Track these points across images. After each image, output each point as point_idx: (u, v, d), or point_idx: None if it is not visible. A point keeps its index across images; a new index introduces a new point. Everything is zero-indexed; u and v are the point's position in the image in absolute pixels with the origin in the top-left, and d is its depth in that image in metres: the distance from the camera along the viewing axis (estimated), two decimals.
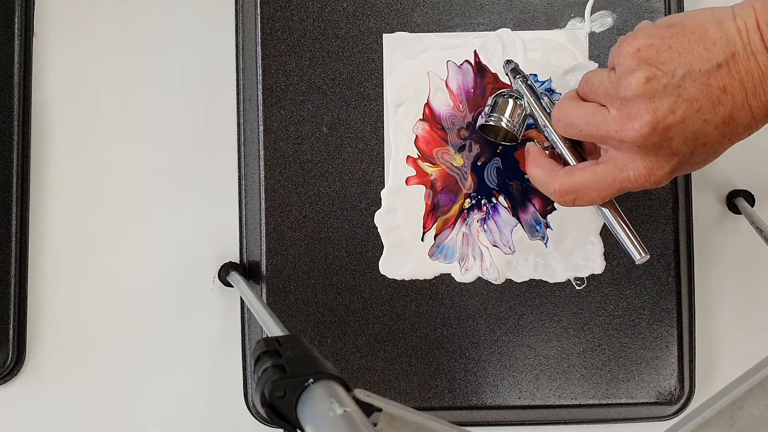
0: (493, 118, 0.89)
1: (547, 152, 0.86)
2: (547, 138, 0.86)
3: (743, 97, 0.75)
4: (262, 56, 0.93)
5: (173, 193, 0.97)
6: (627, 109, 0.76)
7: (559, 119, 0.82)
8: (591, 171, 0.80)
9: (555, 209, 0.93)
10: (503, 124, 0.88)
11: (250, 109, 0.94)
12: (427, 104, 0.93)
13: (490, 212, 0.93)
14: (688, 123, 0.75)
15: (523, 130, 0.89)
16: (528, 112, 0.88)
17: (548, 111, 0.86)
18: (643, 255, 0.84)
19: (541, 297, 0.93)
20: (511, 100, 0.88)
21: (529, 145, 0.87)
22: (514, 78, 0.89)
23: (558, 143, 0.85)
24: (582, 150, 0.85)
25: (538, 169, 0.84)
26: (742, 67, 0.74)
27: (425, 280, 0.93)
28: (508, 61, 0.90)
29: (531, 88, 0.88)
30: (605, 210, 0.84)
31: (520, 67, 0.90)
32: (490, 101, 0.90)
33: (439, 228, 0.93)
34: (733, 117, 0.75)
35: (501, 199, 0.93)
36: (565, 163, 0.85)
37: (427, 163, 0.92)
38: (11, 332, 0.94)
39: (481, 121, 0.90)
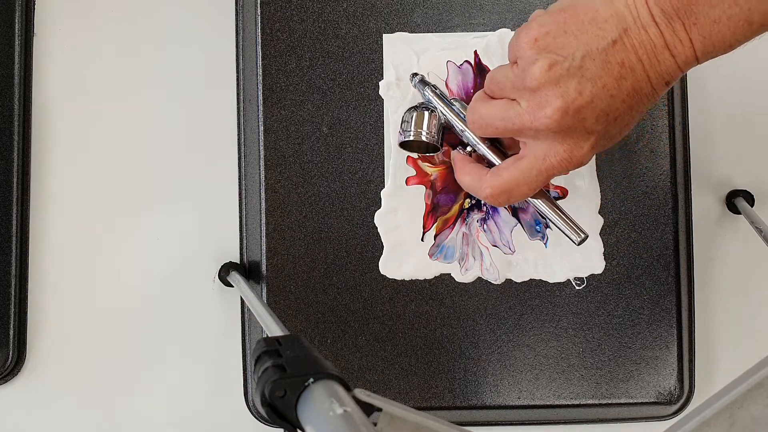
0: (412, 134, 0.89)
1: (471, 156, 0.87)
2: (467, 142, 0.87)
3: (641, 69, 0.76)
4: (262, 56, 0.93)
5: (173, 193, 0.97)
6: (536, 99, 0.77)
7: (473, 121, 0.84)
8: (516, 168, 0.81)
9: None
10: (423, 138, 0.89)
11: (250, 109, 0.94)
12: None
13: (490, 212, 0.93)
14: (597, 101, 0.77)
15: (441, 138, 0.89)
16: (443, 120, 0.89)
17: (462, 116, 0.87)
18: (581, 235, 0.85)
19: (541, 297, 0.93)
20: (426, 112, 0.89)
21: (453, 153, 0.89)
22: (423, 89, 0.90)
23: (478, 145, 0.86)
24: (502, 146, 0.86)
25: (466, 176, 0.86)
26: (636, 41, 0.76)
27: (425, 280, 0.93)
28: (414, 74, 0.91)
29: (441, 96, 0.89)
30: (537, 200, 0.85)
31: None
32: (404, 117, 0.90)
33: (439, 228, 0.93)
34: (635, 89, 0.77)
35: None
36: (489, 164, 0.86)
37: (427, 163, 0.92)
38: (11, 332, 0.94)
39: (400, 138, 0.90)
